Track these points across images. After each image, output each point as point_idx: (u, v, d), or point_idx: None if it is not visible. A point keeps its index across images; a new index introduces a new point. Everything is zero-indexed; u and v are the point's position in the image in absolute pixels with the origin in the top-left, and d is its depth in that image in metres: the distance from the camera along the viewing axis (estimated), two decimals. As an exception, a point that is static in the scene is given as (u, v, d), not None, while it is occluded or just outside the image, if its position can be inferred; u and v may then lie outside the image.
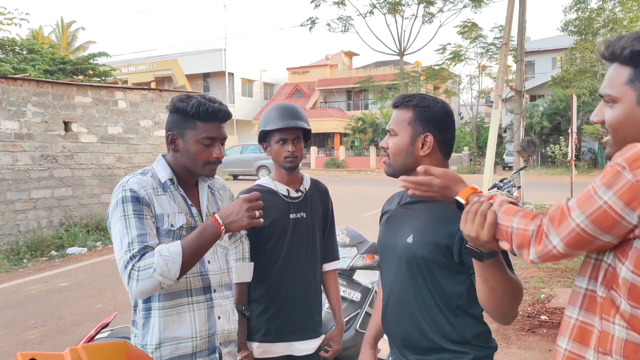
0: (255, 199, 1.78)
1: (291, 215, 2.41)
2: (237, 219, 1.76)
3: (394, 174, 1.83)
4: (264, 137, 2.42)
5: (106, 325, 2.67)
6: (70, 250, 9.07)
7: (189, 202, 1.92)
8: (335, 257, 2.61)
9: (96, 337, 2.52)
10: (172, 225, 1.84)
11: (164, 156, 1.96)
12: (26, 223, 9.18)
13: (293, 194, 2.44)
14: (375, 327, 2.11)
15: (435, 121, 1.78)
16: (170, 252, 1.70)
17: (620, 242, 1.19)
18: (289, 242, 2.39)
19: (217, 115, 1.86)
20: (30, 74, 12.05)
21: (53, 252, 8.93)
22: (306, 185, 2.50)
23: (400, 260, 1.79)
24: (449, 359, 1.71)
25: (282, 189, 2.44)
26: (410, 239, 1.75)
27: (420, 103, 1.78)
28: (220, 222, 1.76)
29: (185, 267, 1.73)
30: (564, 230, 1.19)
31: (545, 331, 4.87)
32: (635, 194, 1.12)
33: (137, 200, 1.79)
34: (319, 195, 2.54)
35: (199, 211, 1.95)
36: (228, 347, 2.01)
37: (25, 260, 8.43)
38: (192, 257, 1.75)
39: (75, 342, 1.66)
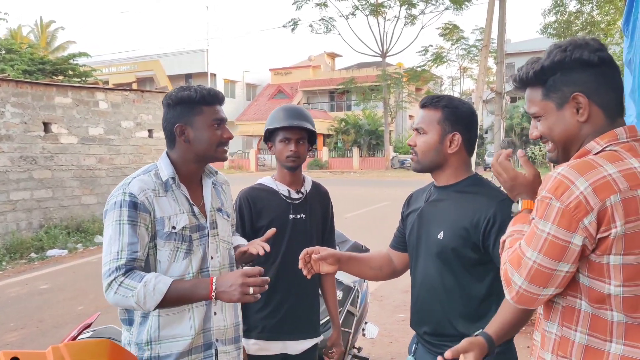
0: (255, 274, 1.74)
1: (290, 216, 2.43)
2: (229, 291, 1.72)
3: (421, 169, 1.94)
4: (269, 136, 2.46)
5: (89, 326, 2.65)
6: (50, 252, 8.96)
7: (191, 201, 1.92)
8: None
9: (79, 338, 2.51)
10: (173, 227, 1.84)
11: (167, 153, 1.95)
12: (5, 225, 9.05)
13: (294, 194, 2.47)
14: (352, 254, 2.16)
15: (463, 121, 1.89)
16: (154, 289, 1.71)
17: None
18: (287, 243, 2.41)
19: (219, 97, 1.93)
20: (8, 74, 11.90)
21: (33, 255, 8.82)
22: (307, 187, 2.53)
23: (431, 254, 1.89)
24: None
25: (283, 189, 2.47)
26: (440, 235, 1.85)
27: (449, 104, 1.89)
28: (214, 287, 1.74)
29: (162, 305, 1.75)
30: (524, 270, 1.32)
31: (524, 328, 4.95)
32: (570, 218, 1.25)
33: (134, 206, 1.78)
34: (319, 198, 2.57)
35: (201, 209, 1.95)
36: (226, 346, 1.99)
37: (4, 263, 8.31)
38: (172, 302, 1.77)
39: (57, 344, 1.66)
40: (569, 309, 1.35)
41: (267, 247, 1.91)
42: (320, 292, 2.64)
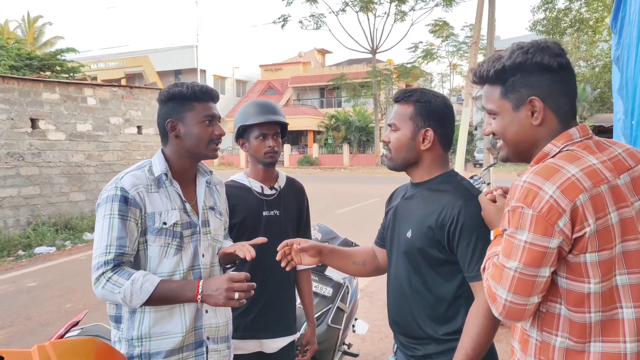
0: (241, 279, 1.75)
1: (264, 213, 2.39)
2: (214, 294, 1.74)
3: (395, 167, 1.89)
4: (242, 133, 2.40)
5: (76, 324, 2.63)
6: (38, 249, 8.88)
7: (183, 198, 1.93)
8: None
9: (66, 336, 2.49)
10: (164, 223, 1.86)
11: (162, 150, 1.98)
12: (-8, 222, 8.96)
13: (267, 191, 2.43)
14: (334, 247, 2.11)
15: (435, 116, 1.81)
16: (141, 288, 1.72)
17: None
18: None
19: (211, 94, 1.96)
20: (-5, 70, 11.75)
21: (20, 252, 8.74)
22: (281, 183, 2.49)
23: (400, 253, 1.85)
24: (442, 350, 1.77)
25: (256, 185, 2.42)
26: (409, 234, 1.80)
27: (421, 98, 1.81)
28: (200, 290, 1.76)
29: (148, 304, 1.77)
30: (506, 281, 1.32)
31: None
32: (545, 223, 1.26)
33: (125, 200, 1.80)
34: (294, 194, 2.52)
35: (194, 206, 1.97)
36: (218, 344, 2.00)
37: (-9, 261, 8.23)
38: (158, 301, 1.78)
39: (44, 342, 1.65)
40: (549, 315, 1.36)
41: (254, 254, 1.89)
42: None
